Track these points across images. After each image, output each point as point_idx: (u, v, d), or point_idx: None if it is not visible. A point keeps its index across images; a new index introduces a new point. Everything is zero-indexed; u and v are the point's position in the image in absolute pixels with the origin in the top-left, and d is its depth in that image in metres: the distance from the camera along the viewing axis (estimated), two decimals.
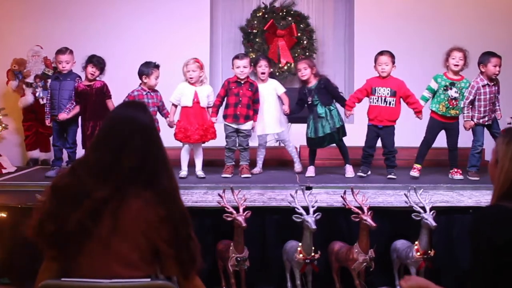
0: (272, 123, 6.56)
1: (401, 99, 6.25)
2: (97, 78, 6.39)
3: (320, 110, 6.25)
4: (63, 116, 6.33)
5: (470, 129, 6.18)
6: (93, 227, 2.32)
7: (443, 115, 6.16)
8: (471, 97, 6.08)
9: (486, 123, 6.17)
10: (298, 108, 6.46)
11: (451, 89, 6.11)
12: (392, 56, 6.22)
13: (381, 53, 6.26)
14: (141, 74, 6.18)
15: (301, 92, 6.43)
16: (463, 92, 6.10)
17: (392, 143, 6.26)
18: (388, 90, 6.18)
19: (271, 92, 6.56)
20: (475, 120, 6.13)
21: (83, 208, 2.31)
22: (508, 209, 2.34)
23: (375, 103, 6.25)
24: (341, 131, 6.33)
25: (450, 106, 6.13)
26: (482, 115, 6.12)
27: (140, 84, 6.22)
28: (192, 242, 2.46)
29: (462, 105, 6.11)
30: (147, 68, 6.17)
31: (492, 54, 6.06)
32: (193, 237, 2.48)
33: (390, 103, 6.20)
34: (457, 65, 6.08)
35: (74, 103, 6.38)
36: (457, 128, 6.23)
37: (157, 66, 6.20)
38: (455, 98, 6.10)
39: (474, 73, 6.21)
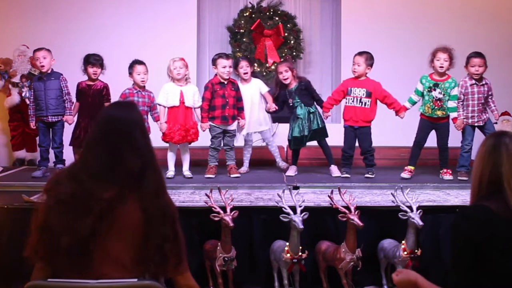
0: (257, 122, 6.59)
1: (377, 100, 6.25)
2: (100, 78, 6.42)
3: (299, 111, 6.27)
4: (71, 119, 6.38)
5: (461, 129, 6.17)
6: (100, 229, 2.33)
7: (431, 116, 6.17)
8: (462, 96, 6.09)
9: (476, 124, 6.14)
10: (279, 107, 6.49)
11: (434, 90, 6.10)
12: (367, 58, 6.21)
13: (358, 53, 6.28)
14: (129, 74, 6.20)
15: (282, 94, 6.44)
16: (448, 93, 6.09)
17: (369, 142, 6.26)
18: (364, 90, 6.19)
19: (255, 92, 6.58)
20: (463, 119, 6.15)
21: (94, 212, 2.32)
22: (487, 209, 2.38)
23: (351, 103, 6.25)
24: (321, 133, 6.35)
25: (436, 107, 6.11)
26: (470, 114, 6.11)
27: (132, 83, 6.23)
28: (180, 237, 2.50)
29: (455, 105, 6.10)
30: (129, 67, 6.20)
31: (473, 55, 6.05)
32: (179, 232, 2.51)
33: (365, 103, 6.20)
34: (442, 67, 6.06)
35: (73, 100, 6.40)
36: (447, 128, 6.22)
37: (138, 62, 6.20)
38: (439, 99, 6.09)
39: (461, 71, 6.22)
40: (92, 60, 6.33)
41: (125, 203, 2.36)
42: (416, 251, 4.65)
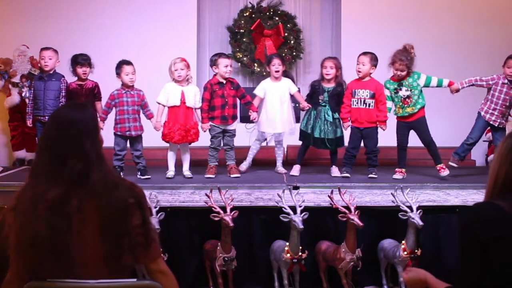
0: (282, 122, 6.53)
1: None
2: (89, 77, 6.39)
3: (328, 113, 6.25)
4: None
5: (456, 92, 6.19)
6: (59, 229, 2.33)
7: (403, 116, 6.14)
8: (483, 83, 6.12)
9: (491, 122, 6.13)
10: (308, 102, 6.44)
11: (400, 90, 6.08)
12: (372, 58, 6.20)
13: (362, 53, 6.27)
14: (116, 75, 6.19)
15: (314, 86, 6.42)
16: (414, 87, 6.05)
17: (375, 143, 6.26)
18: (367, 92, 6.18)
19: (285, 91, 6.51)
20: (482, 113, 6.14)
21: (40, 213, 2.33)
22: (499, 207, 2.36)
23: (355, 105, 6.23)
24: (339, 141, 6.36)
25: (405, 105, 6.08)
26: (490, 111, 6.11)
27: (121, 84, 6.22)
28: (148, 224, 2.49)
29: (438, 77, 6.10)
30: (117, 68, 6.17)
31: (511, 57, 6.07)
32: (147, 220, 2.50)
33: (369, 105, 6.19)
34: (399, 75, 6.03)
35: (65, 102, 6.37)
36: (424, 123, 6.16)
37: (126, 63, 6.17)
38: (407, 96, 6.05)
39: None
40: (81, 60, 6.30)
41: (73, 203, 2.36)
42: (416, 251, 4.64)
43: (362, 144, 6.34)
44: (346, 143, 6.42)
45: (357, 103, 6.22)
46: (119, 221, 2.39)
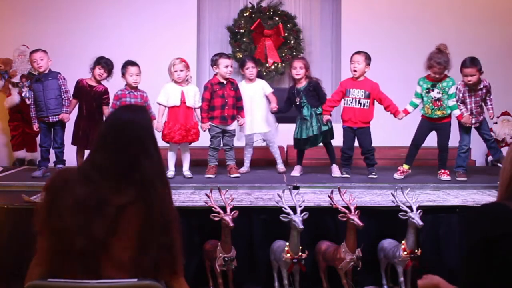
0: (260, 122, 6.57)
1: (375, 101, 6.25)
2: (103, 82, 6.42)
3: (306, 112, 6.24)
4: (67, 117, 6.33)
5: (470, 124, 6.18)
6: (109, 232, 2.32)
7: (431, 117, 6.15)
8: (460, 95, 6.10)
9: (472, 125, 6.17)
10: (286, 107, 6.45)
11: (432, 90, 6.07)
12: (367, 57, 6.20)
13: (356, 52, 6.27)
14: (121, 75, 6.21)
15: (289, 91, 6.43)
16: (446, 91, 6.06)
17: (369, 142, 6.25)
18: (362, 92, 6.17)
19: (258, 92, 6.57)
20: (460, 121, 6.15)
21: (106, 216, 2.32)
22: (505, 207, 2.36)
23: (349, 104, 6.24)
24: (329, 134, 6.34)
25: (435, 108, 6.09)
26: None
27: (125, 84, 6.23)
28: (177, 245, 2.49)
29: (455, 103, 6.08)
30: (122, 68, 6.20)
31: (464, 65, 6.03)
32: (178, 240, 2.50)
33: (364, 104, 6.19)
34: (436, 75, 6.02)
35: (70, 98, 6.36)
36: (448, 129, 6.18)
37: (131, 63, 6.19)
38: (438, 99, 6.06)
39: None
40: (103, 63, 6.34)
41: (131, 210, 2.35)
42: (416, 251, 4.65)
43: (356, 144, 6.34)
44: (335, 138, 6.41)
45: (351, 102, 6.22)
46: (160, 237, 2.39)
